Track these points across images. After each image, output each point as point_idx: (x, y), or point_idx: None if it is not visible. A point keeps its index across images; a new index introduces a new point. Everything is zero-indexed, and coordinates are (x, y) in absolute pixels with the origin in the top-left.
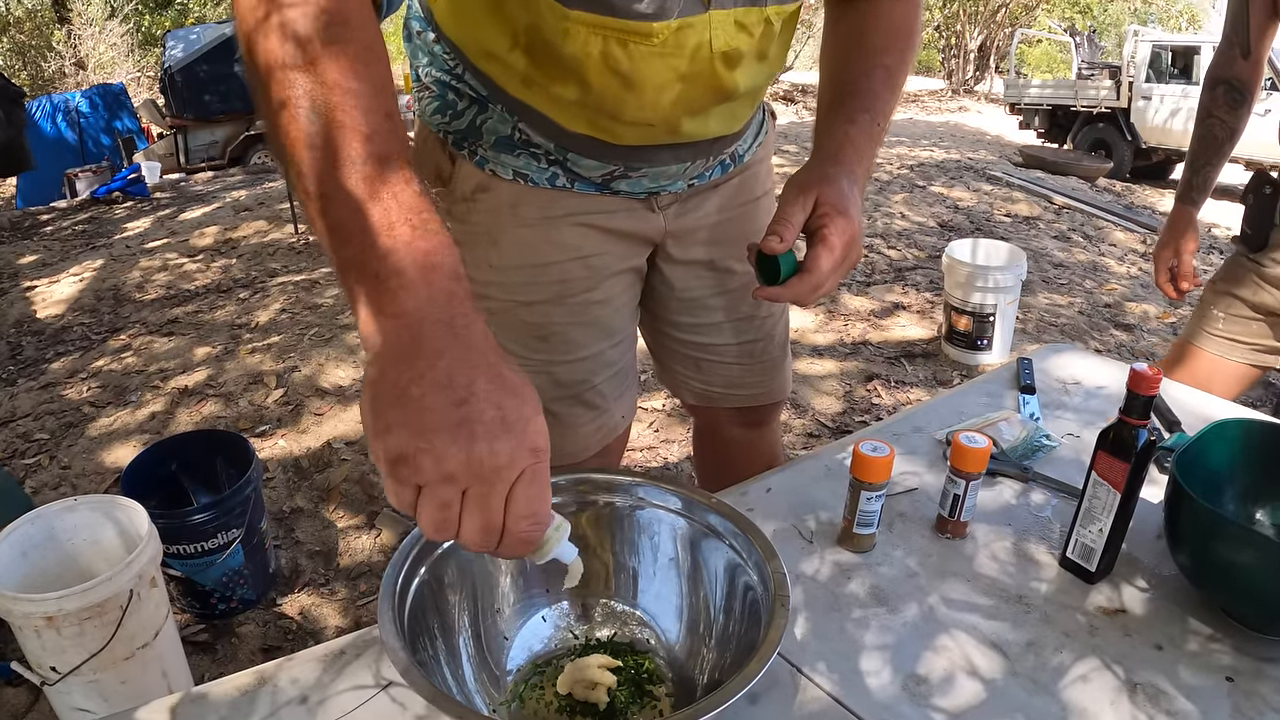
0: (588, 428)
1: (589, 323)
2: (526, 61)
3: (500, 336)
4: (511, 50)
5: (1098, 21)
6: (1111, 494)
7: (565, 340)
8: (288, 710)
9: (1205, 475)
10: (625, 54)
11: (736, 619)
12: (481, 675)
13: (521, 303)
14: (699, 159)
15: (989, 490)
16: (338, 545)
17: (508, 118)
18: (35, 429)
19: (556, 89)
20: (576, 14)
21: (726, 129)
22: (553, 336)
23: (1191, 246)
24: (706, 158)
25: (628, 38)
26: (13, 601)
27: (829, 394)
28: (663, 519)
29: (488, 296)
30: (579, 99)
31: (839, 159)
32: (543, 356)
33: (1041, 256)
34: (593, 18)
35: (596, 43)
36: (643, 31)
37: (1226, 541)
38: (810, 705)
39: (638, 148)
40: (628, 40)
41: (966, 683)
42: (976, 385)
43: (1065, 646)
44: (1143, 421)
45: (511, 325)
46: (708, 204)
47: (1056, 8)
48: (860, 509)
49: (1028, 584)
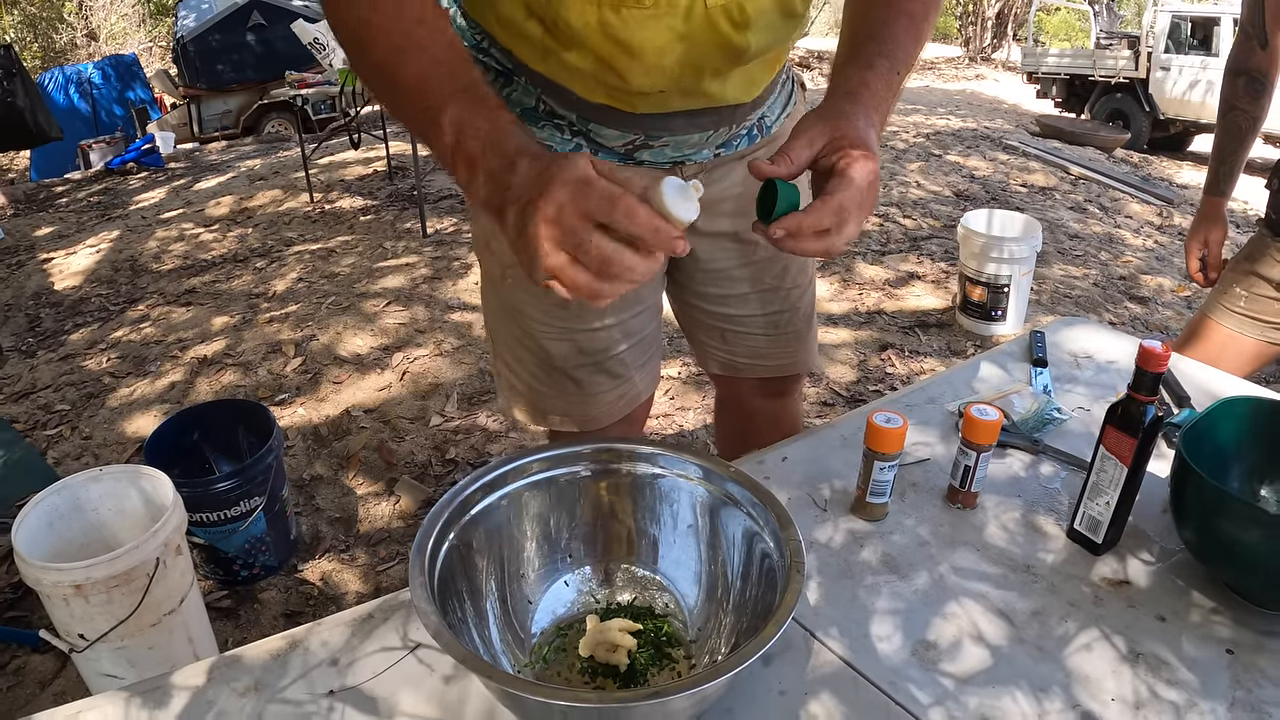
0: (609, 395)
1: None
2: (542, 30)
3: (525, 302)
4: (527, 20)
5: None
6: (1119, 468)
7: (587, 309)
8: (318, 672)
9: (1213, 451)
10: (620, 20)
11: (753, 584)
12: (507, 637)
13: None
14: (721, 126)
15: (999, 461)
16: (357, 512)
17: (531, 90)
18: (56, 400)
19: (570, 58)
20: None
21: (745, 95)
22: (574, 304)
23: (1219, 236)
24: (730, 125)
25: (620, 3)
26: (41, 571)
27: (843, 363)
28: (682, 487)
29: (515, 264)
30: (592, 68)
31: (857, 98)
32: (565, 324)
33: (1057, 227)
34: None
35: (593, 11)
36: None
37: (1231, 518)
38: (823, 668)
39: (655, 115)
40: (620, 6)
41: (973, 649)
42: (990, 357)
43: (1070, 616)
44: (1151, 398)
45: (535, 292)
46: (734, 174)
47: None
48: (873, 479)
49: (1035, 554)
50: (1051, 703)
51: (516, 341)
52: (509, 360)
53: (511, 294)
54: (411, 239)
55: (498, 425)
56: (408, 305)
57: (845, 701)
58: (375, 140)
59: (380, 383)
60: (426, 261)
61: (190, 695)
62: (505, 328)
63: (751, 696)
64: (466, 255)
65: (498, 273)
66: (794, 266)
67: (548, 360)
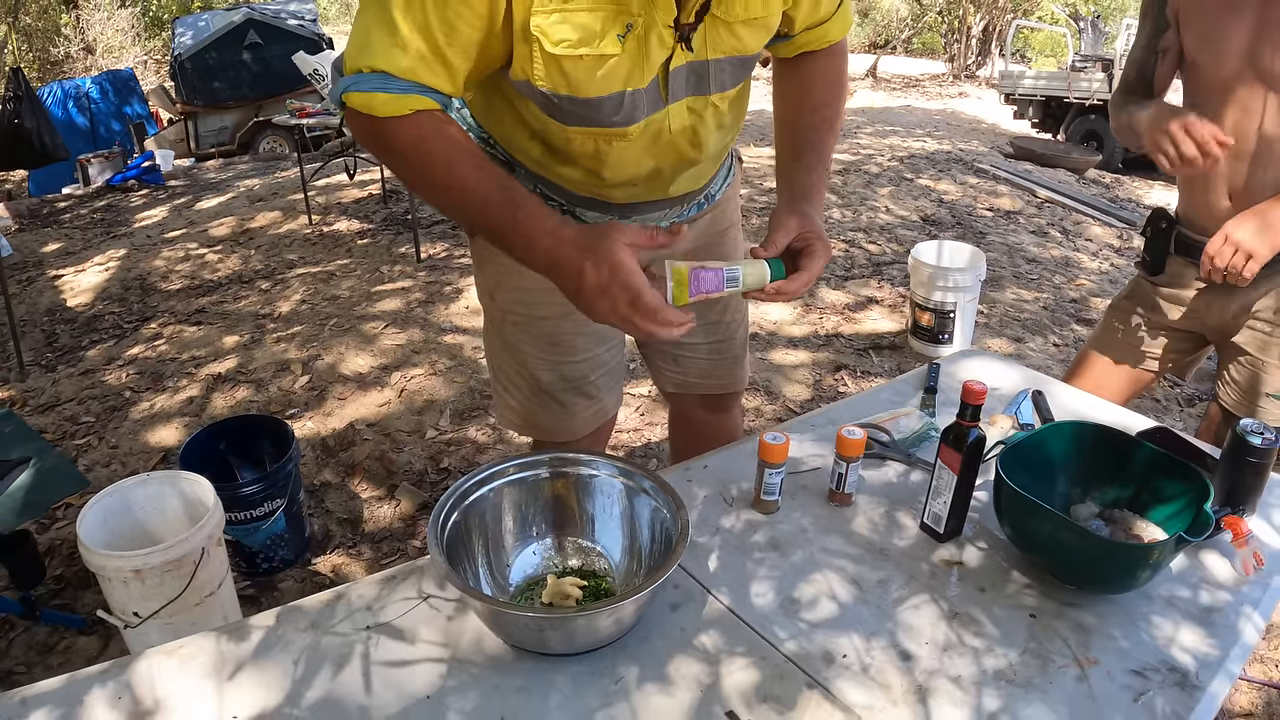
0: (586, 413)
1: (589, 333)
2: (540, 149)
3: (522, 340)
4: (529, 140)
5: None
6: (951, 476)
7: (570, 346)
8: (358, 614)
9: (1043, 463)
10: (610, 148)
11: (658, 548)
12: (491, 589)
13: (539, 316)
14: (677, 207)
15: (880, 470)
16: (362, 513)
17: (529, 179)
18: (81, 412)
19: (563, 170)
20: (574, 129)
21: (696, 185)
22: (561, 342)
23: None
24: (683, 204)
25: (611, 138)
26: (105, 558)
27: (800, 382)
28: (611, 483)
29: (514, 310)
30: (580, 177)
31: (810, 199)
32: (553, 357)
33: (1016, 251)
34: (586, 130)
35: (589, 143)
36: (621, 133)
37: (1030, 516)
38: (713, 614)
39: (627, 204)
40: (611, 139)
41: (826, 604)
42: (892, 385)
43: (907, 585)
44: (973, 423)
45: (531, 333)
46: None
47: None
48: (764, 482)
49: (891, 541)
50: (878, 642)
51: (514, 371)
52: (506, 385)
53: (511, 334)
54: (406, 263)
55: (485, 438)
56: (404, 328)
57: (727, 636)
58: (369, 164)
59: (380, 399)
60: (421, 286)
61: (265, 632)
62: (504, 361)
63: (662, 631)
64: (458, 280)
65: (499, 317)
66: (732, 304)
67: (538, 386)
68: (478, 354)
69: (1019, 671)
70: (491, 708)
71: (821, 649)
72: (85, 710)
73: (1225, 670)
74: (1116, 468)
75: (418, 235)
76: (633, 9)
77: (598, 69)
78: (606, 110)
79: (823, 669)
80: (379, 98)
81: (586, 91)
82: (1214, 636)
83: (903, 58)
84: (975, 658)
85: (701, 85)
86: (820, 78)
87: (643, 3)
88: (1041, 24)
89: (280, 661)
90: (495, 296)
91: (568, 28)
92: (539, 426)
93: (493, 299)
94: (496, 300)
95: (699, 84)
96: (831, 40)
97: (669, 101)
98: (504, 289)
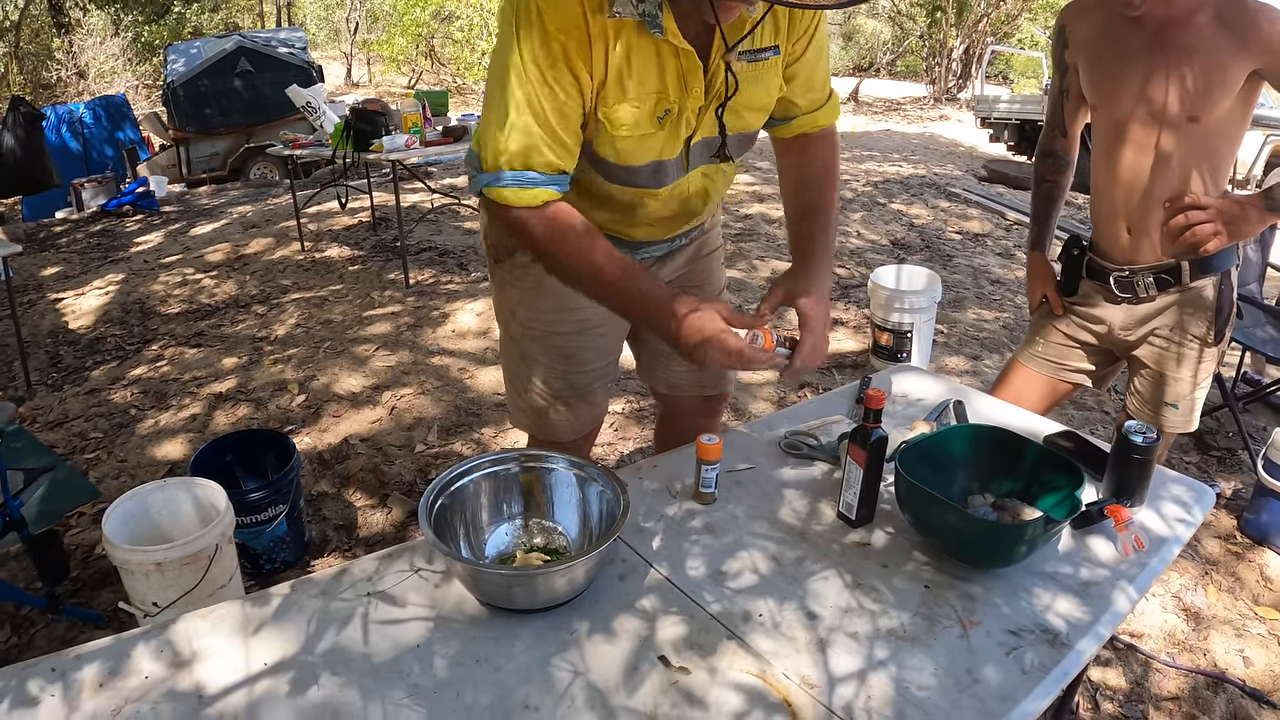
0: (586, 417)
1: (596, 347)
2: (576, 193)
3: (539, 353)
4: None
5: None
6: (858, 470)
7: (581, 359)
8: (360, 584)
9: (945, 461)
10: (642, 202)
11: (605, 525)
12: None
13: (555, 333)
14: (676, 240)
15: (807, 468)
16: (357, 520)
17: None
18: (89, 429)
19: (594, 214)
20: (615, 185)
21: (692, 225)
22: (573, 356)
23: (1053, 286)
24: (682, 238)
25: (645, 196)
26: (130, 553)
27: (765, 400)
28: (568, 475)
29: (533, 328)
30: (608, 219)
31: (810, 263)
32: (564, 368)
33: (981, 273)
34: (625, 188)
35: (628, 196)
36: (653, 194)
37: (923, 502)
38: (653, 582)
39: (642, 242)
40: (645, 197)
41: (748, 576)
42: (826, 396)
43: (819, 561)
44: (875, 425)
45: (548, 348)
46: (677, 259)
47: (1040, 16)
48: (702, 476)
49: (810, 527)
50: (789, 604)
51: (526, 379)
52: (521, 391)
53: (529, 348)
54: (395, 289)
55: (470, 451)
56: (394, 350)
57: (663, 600)
58: (358, 192)
59: (372, 416)
60: (409, 310)
61: (281, 599)
62: (519, 370)
63: (610, 596)
64: (444, 305)
65: (519, 333)
66: None
67: (548, 392)
68: (463, 375)
69: (908, 630)
70: (469, 653)
71: (741, 610)
72: (132, 662)
73: (1094, 633)
74: (1010, 464)
75: (406, 262)
76: (670, 97)
77: (642, 144)
78: (644, 175)
79: (740, 625)
80: (519, 193)
81: (631, 161)
82: (1088, 605)
83: (885, 80)
84: (872, 619)
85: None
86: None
87: (679, 93)
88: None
89: (296, 621)
90: (517, 314)
91: (626, 114)
92: (547, 427)
93: (514, 316)
94: (518, 318)
95: (712, 154)
96: (823, 125)
97: (689, 169)
98: (525, 307)
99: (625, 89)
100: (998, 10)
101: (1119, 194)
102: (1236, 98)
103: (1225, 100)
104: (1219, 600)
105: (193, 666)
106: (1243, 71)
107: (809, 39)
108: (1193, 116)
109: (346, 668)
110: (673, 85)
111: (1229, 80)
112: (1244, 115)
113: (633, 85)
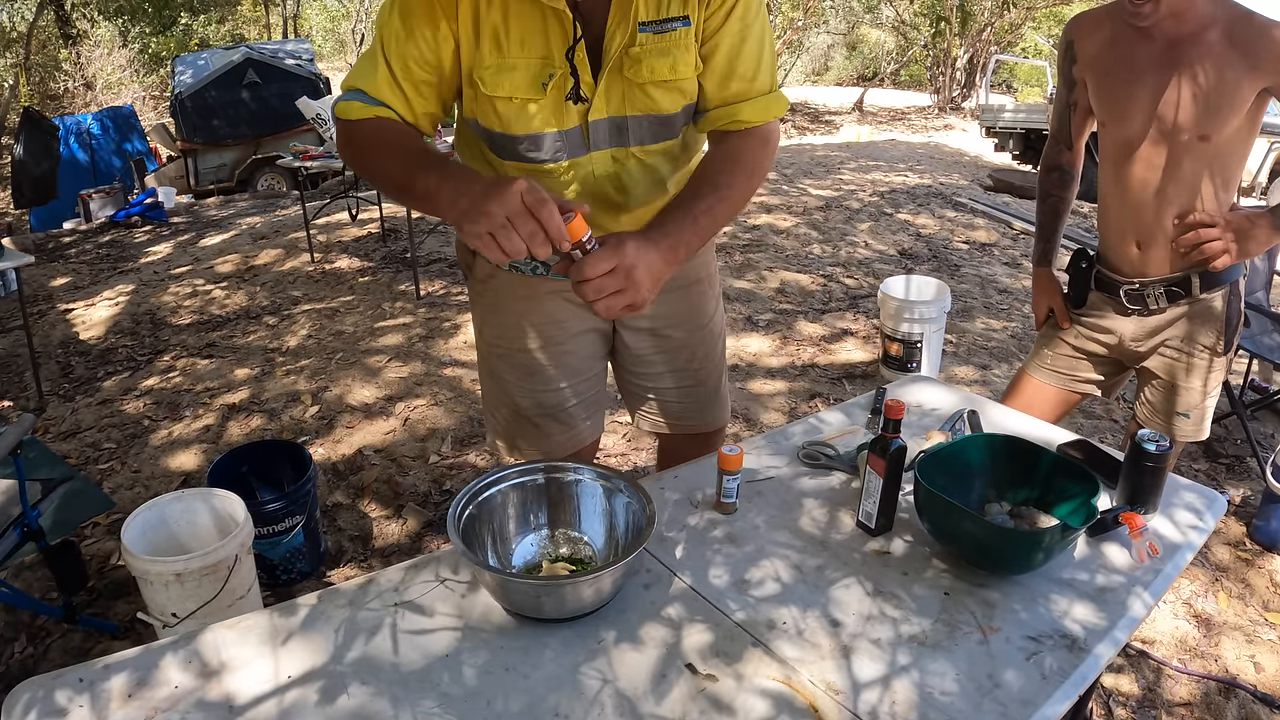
0: (560, 438)
1: (562, 365)
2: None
3: (504, 370)
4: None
5: None
6: (877, 479)
7: (545, 376)
8: (387, 594)
9: (963, 470)
10: (540, 183)
11: (631, 536)
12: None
13: (518, 349)
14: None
15: (826, 479)
16: (372, 531)
17: None
18: (102, 439)
19: None
20: (508, 163)
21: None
22: (537, 373)
23: (1059, 300)
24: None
25: (538, 173)
26: (150, 563)
27: (776, 410)
28: (596, 487)
29: (498, 344)
30: None
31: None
32: (531, 385)
33: (988, 282)
34: (515, 164)
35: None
36: (546, 170)
37: (942, 510)
38: (678, 591)
39: None
40: (538, 175)
41: (771, 584)
42: (843, 407)
43: (841, 569)
44: (895, 435)
45: (511, 363)
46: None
47: (1043, 24)
48: (723, 486)
49: (830, 535)
50: (812, 611)
51: (496, 397)
52: (492, 410)
53: (495, 365)
54: (406, 300)
55: (484, 462)
56: (406, 361)
57: (688, 608)
58: (368, 204)
59: (386, 428)
60: (421, 322)
61: (309, 609)
62: (490, 387)
63: (635, 605)
64: (455, 316)
65: (485, 350)
66: (700, 352)
67: (517, 411)
68: (476, 386)
69: (930, 636)
70: (497, 662)
71: (765, 618)
72: (160, 673)
73: (1111, 637)
74: (1026, 472)
75: (417, 273)
76: (554, 63)
77: (524, 110)
78: (530, 145)
79: (765, 632)
80: (354, 105)
81: (514, 129)
82: (1105, 611)
83: (890, 90)
84: (893, 626)
85: (622, 138)
86: (727, 156)
87: (563, 59)
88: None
89: (324, 631)
90: (483, 332)
91: (503, 76)
92: (518, 448)
93: (481, 334)
94: (484, 335)
95: (620, 136)
96: (744, 122)
97: (591, 149)
98: (489, 325)
99: (503, 49)
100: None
101: (1128, 209)
102: (1246, 114)
103: (1235, 119)
104: (1229, 606)
105: (221, 677)
106: (1253, 90)
107: (725, 12)
108: (1204, 135)
109: (376, 677)
110: (557, 50)
111: (1239, 99)
112: (1252, 130)
113: (512, 46)
